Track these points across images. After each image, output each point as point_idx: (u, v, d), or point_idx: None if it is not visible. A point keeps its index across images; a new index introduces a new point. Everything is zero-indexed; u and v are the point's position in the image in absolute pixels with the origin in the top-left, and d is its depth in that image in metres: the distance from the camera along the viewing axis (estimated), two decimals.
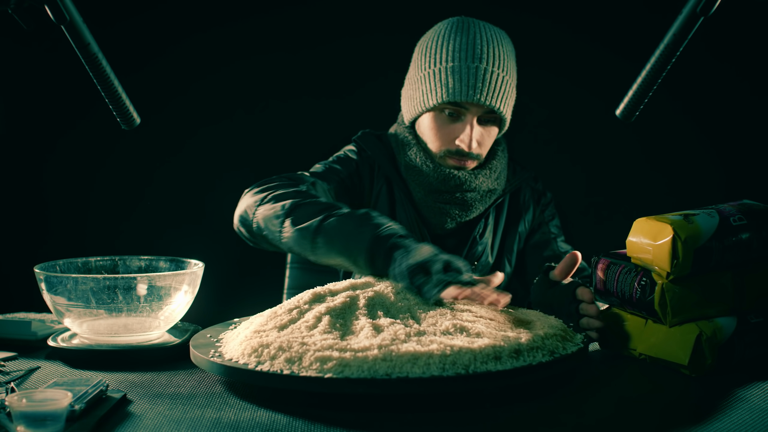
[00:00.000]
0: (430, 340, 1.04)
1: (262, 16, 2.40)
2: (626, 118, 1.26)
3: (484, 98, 1.51)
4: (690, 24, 1.15)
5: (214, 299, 1.73)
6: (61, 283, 1.28)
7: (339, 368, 1.01)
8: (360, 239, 1.23)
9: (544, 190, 1.73)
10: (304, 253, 1.31)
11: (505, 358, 1.03)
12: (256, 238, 1.41)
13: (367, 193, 1.63)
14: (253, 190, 1.43)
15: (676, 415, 1.03)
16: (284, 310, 1.18)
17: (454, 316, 1.13)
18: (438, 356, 1.01)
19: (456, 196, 1.57)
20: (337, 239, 1.25)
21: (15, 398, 0.89)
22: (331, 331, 1.09)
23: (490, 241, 1.66)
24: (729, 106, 2.38)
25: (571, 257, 1.33)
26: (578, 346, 1.13)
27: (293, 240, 1.31)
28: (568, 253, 1.65)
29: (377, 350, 1.02)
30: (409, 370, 0.99)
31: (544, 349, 1.08)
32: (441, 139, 1.56)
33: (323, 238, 1.27)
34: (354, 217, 1.27)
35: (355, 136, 1.68)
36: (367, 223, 1.24)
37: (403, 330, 1.07)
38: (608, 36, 2.35)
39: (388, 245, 1.21)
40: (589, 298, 1.27)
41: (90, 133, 2.39)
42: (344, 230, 1.25)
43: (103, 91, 1.23)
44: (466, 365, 1.01)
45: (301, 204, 1.33)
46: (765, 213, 1.24)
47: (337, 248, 1.26)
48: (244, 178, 2.40)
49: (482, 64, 1.51)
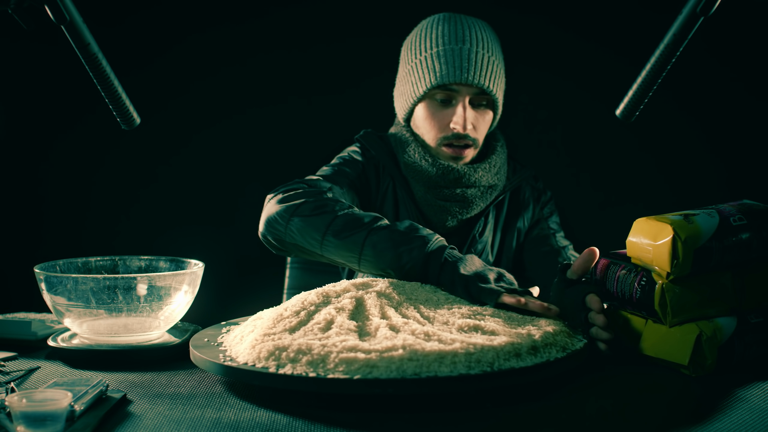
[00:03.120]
0: (451, 339, 1.05)
1: (263, 16, 2.40)
2: (626, 118, 1.26)
3: (472, 77, 1.52)
4: (690, 24, 1.15)
5: (214, 299, 1.73)
6: (61, 283, 1.28)
7: (367, 369, 1.00)
8: (412, 253, 1.28)
9: (544, 188, 1.73)
10: (347, 263, 1.34)
11: (524, 355, 1.05)
12: (286, 246, 1.40)
13: (374, 192, 1.63)
14: (278, 197, 1.41)
15: (676, 415, 1.03)
16: (290, 312, 1.17)
17: (462, 315, 1.15)
18: (463, 354, 1.02)
19: (456, 192, 1.57)
20: (387, 251, 1.29)
21: (15, 398, 0.89)
22: (347, 333, 1.08)
23: (490, 240, 1.66)
24: (729, 106, 2.38)
25: (588, 253, 1.27)
26: (584, 342, 1.16)
27: (335, 250, 1.33)
28: (567, 247, 1.66)
29: (402, 350, 1.02)
30: (437, 369, 1.00)
31: (556, 345, 1.10)
32: (436, 126, 1.57)
33: (371, 249, 1.30)
34: (400, 228, 1.31)
35: (358, 135, 1.68)
36: (416, 236, 1.30)
37: (420, 329, 1.08)
38: (608, 36, 2.36)
39: (443, 256, 1.27)
40: (598, 307, 1.22)
41: (90, 133, 2.39)
42: (394, 242, 1.29)
43: (103, 91, 1.23)
44: (491, 363, 1.02)
45: (339, 215, 1.34)
46: (765, 213, 1.24)
47: (387, 260, 1.29)
48: (245, 178, 2.42)
49: (467, 45, 1.53)
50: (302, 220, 1.35)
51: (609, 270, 1.27)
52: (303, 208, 1.36)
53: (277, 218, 1.38)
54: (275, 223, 1.38)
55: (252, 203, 1.76)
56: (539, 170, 1.76)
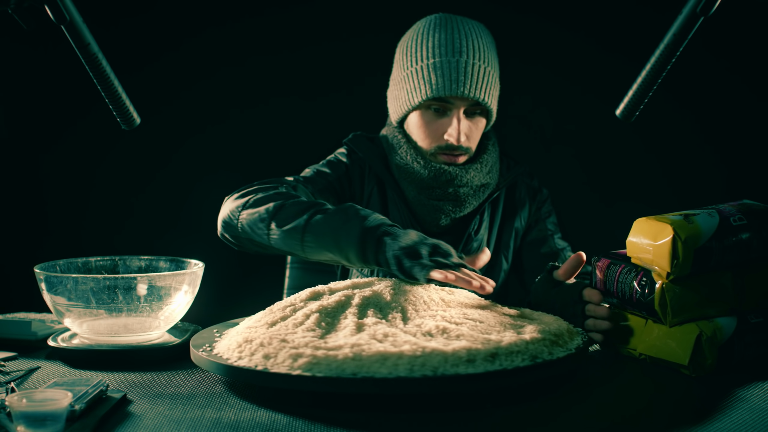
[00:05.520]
0: (405, 341, 1.04)
1: (263, 16, 2.40)
2: (626, 118, 1.26)
3: (467, 91, 1.52)
4: (690, 24, 1.15)
5: (214, 299, 1.73)
6: (61, 283, 1.28)
7: (309, 366, 1.01)
8: (349, 232, 1.26)
9: (539, 186, 1.73)
10: (294, 252, 1.33)
11: (479, 362, 1.02)
12: (242, 242, 1.42)
13: (358, 195, 1.64)
14: (233, 196, 1.44)
15: (676, 415, 1.03)
16: (279, 306, 1.20)
17: (444, 318, 1.13)
18: (408, 357, 1.01)
19: (449, 191, 1.57)
20: (327, 235, 1.28)
21: (15, 398, 0.89)
22: (314, 329, 1.10)
23: (486, 238, 1.66)
24: (729, 106, 2.38)
25: (576, 258, 1.32)
26: (568, 352, 1.09)
27: (281, 241, 1.33)
28: (565, 249, 1.67)
29: (348, 349, 1.03)
30: (377, 370, 1.00)
31: (525, 354, 1.05)
32: (430, 135, 1.57)
33: (312, 235, 1.29)
34: (339, 211, 1.29)
35: (346, 139, 1.68)
36: (354, 216, 1.27)
37: (384, 330, 1.08)
38: (609, 36, 2.35)
39: (378, 234, 1.24)
40: (598, 300, 1.28)
41: (90, 133, 2.39)
42: (332, 225, 1.28)
43: (103, 91, 1.23)
44: (435, 367, 1.00)
45: (285, 204, 1.35)
46: (765, 213, 1.24)
47: (327, 244, 1.28)
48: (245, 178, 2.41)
49: (463, 57, 1.53)
50: (250, 213, 1.37)
51: (609, 270, 1.27)
52: (251, 202, 1.38)
53: (230, 214, 1.41)
54: (228, 219, 1.41)
55: None
56: (539, 170, 1.76)
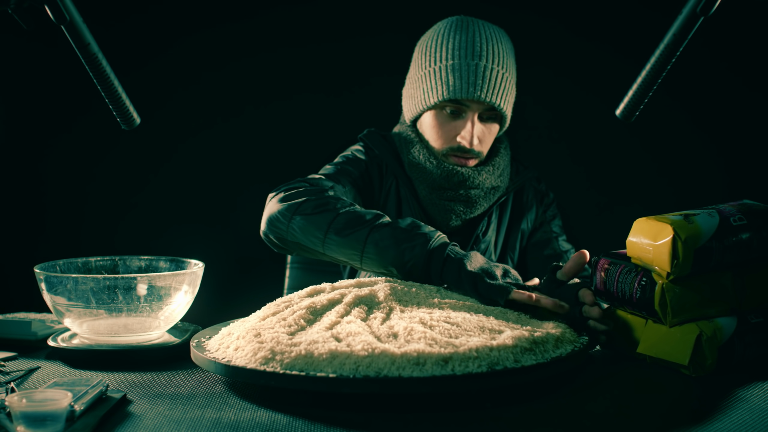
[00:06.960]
0: (362, 341, 1.05)
1: (264, 14, 2.40)
2: (626, 118, 1.26)
3: (484, 95, 1.52)
4: (690, 24, 1.15)
5: (214, 299, 1.73)
6: (61, 283, 1.28)
7: (264, 361, 1.04)
8: (414, 251, 1.27)
9: (546, 190, 1.74)
10: (349, 261, 1.34)
11: (429, 365, 1.01)
12: (287, 245, 1.40)
13: (377, 191, 1.63)
14: (279, 195, 1.41)
15: (676, 416, 1.03)
16: (276, 303, 1.22)
17: (421, 320, 1.12)
18: (355, 357, 1.02)
19: (460, 193, 1.58)
20: (390, 250, 1.29)
21: (15, 398, 0.89)
22: (292, 325, 1.12)
23: (494, 240, 1.66)
24: (729, 106, 2.38)
25: (579, 256, 1.30)
26: (537, 361, 1.06)
27: (338, 251, 1.33)
28: (569, 251, 1.67)
29: (302, 347, 1.04)
30: (322, 369, 1.01)
31: (483, 360, 1.02)
32: (443, 136, 1.57)
33: (374, 248, 1.30)
34: (402, 227, 1.31)
35: (361, 134, 1.68)
36: (417, 234, 1.29)
37: (350, 329, 1.09)
38: (608, 36, 2.36)
39: (444, 255, 1.27)
40: (591, 300, 1.26)
41: (89, 133, 2.39)
42: (396, 241, 1.29)
43: (103, 91, 1.23)
44: (380, 369, 1.01)
45: (342, 212, 1.34)
46: (765, 213, 1.24)
47: (388, 258, 1.29)
48: (245, 177, 2.42)
49: (482, 62, 1.53)
50: (304, 218, 1.35)
51: (609, 270, 1.27)
52: (305, 207, 1.36)
53: (279, 217, 1.38)
54: (277, 222, 1.38)
55: (252, 203, 1.76)
56: (540, 170, 1.76)
